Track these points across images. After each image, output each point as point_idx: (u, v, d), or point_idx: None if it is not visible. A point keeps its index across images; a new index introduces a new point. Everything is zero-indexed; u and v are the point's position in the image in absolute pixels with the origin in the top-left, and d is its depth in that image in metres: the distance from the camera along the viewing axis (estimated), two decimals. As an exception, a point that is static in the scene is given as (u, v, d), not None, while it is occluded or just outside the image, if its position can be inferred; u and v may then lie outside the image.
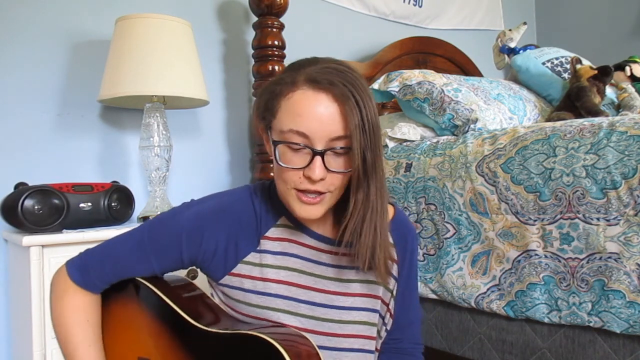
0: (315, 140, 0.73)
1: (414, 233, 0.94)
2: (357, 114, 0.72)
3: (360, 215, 0.78)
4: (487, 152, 1.30)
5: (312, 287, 0.85)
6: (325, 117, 0.72)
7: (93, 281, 0.84)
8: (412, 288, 0.94)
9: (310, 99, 0.73)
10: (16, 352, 1.45)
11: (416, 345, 0.96)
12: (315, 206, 0.77)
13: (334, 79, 0.73)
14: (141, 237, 0.84)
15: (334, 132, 0.73)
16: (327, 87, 0.72)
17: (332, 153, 0.75)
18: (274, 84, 0.77)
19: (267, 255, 0.84)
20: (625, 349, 1.05)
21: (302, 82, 0.74)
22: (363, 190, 0.77)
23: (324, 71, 0.74)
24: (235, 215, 0.84)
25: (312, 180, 0.74)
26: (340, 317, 0.85)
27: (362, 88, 0.74)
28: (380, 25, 2.51)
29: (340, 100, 0.72)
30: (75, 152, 1.65)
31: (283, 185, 0.78)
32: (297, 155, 0.75)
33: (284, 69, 0.80)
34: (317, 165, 0.74)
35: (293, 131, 0.73)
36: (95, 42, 1.69)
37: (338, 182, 0.77)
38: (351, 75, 0.74)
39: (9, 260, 1.48)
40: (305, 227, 0.86)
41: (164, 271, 0.87)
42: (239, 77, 2.03)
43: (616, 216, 1.04)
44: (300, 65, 0.76)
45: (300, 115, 0.73)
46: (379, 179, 0.77)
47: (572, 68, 1.86)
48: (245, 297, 0.84)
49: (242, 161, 2.02)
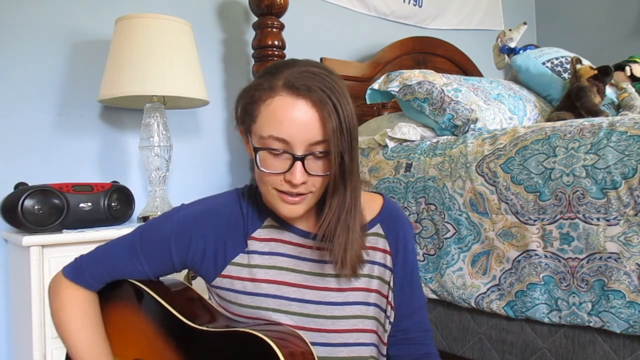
0: (295, 145, 0.74)
1: (404, 221, 0.94)
2: (335, 118, 0.73)
3: (335, 216, 0.80)
4: (487, 152, 1.30)
5: (302, 285, 0.85)
6: (304, 123, 0.73)
7: (87, 280, 0.86)
8: (410, 277, 0.94)
9: (289, 106, 0.74)
10: (16, 352, 1.45)
11: (425, 332, 0.95)
12: (297, 205, 0.79)
13: (312, 84, 0.73)
14: (133, 242, 0.86)
15: (313, 137, 0.74)
16: (305, 92, 0.73)
17: (312, 157, 0.76)
18: (253, 89, 0.78)
19: (255, 256, 0.85)
20: (625, 349, 1.05)
21: (280, 88, 0.75)
22: (339, 192, 0.79)
23: (302, 76, 0.74)
24: (222, 217, 0.86)
25: (292, 184, 0.76)
26: (332, 312, 0.85)
27: (340, 91, 0.75)
28: (380, 25, 2.51)
29: (319, 105, 0.73)
30: (75, 152, 1.65)
31: (265, 188, 0.80)
32: (277, 160, 0.76)
33: (262, 72, 0.80)
34: (298, 170, 0.75)
35: (273, 137, 0.75)
36: (95, 42, 1.69)
37: (319, 183, 0.79)
38: (329, 78, 0.75)
39: (9, 260, 1.48)
40: (290, 226, 0.87)
41: (157, 275, 0.89)
42: (239, 77, 2.03)
43: (616, 216, 1.04)
44: (278, 69, 0.77)
45: (280, 122, 0.74)
46: (354, 180, 0.79)
47: (572, 68, 1.86)
48: (237, 298, 0.85)
49: (242, 161, 2.02)
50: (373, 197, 0.94)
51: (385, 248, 0.90)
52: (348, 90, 0.78)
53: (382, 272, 0.89)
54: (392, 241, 0.91)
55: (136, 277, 0.87)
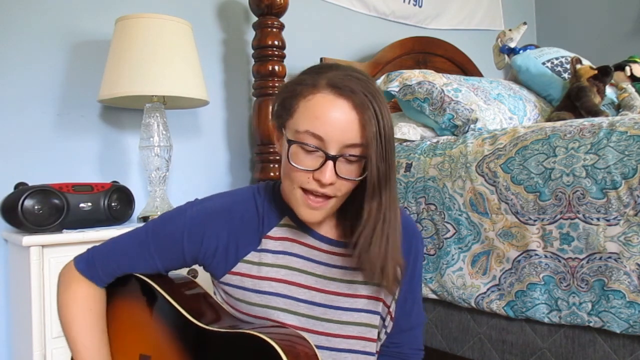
0: (329, 144, 0.74)
1: (419, 237, 0.94)
2: (375, 124, 0.73)
3: (371, 225, 0.79)
4: (487, 152, 1.30)
5: (312, 287, 0.85)
6: (342, 123, 0.73)
7: (98, 274, 0.86)
8: (415, 292, 0.94)
9: (330, 103, 0.74)
10: (16, 352, 1.45)
11: (418, 351, 0.96)
12: (317, 210, 0.79)
13: (356, 87, 0.74)
14: (145, 235, 0.86)
15: (350, 139, 0.74)
16: (348, 94, 0.74)
17: (344, 160, 0.76)
18: (295, 83, 0.78)
19: (267, 254, 0.85)
20: (625, 349, 1.05)
21: (323, 86, 0.75)
22: (376, 199, 0.78)
23: (346, 78, 0.74)
24: (237, 214, 0.85)
25: (321, 184, 0.76)
26: (340, 317, 0.85)
27: (381, 100, 0.75)
28: (380, 25, 2.51)
29: (360, 108, 0.73)
30: (75, 152, 1.65)
31: (289, 184, 0.79)
32: (309, 156, 0.76)
33: (306, 71, 0.80)
34: (329, 170, 0.75)
35: (309, 133, 0.74)
36: (95, 42, 1.69)
37: (345, 188, 0.78)
38: (372, 85, 0.76)
39: (9, 260, 1.48)
40: (308, 228, 0.87)
41: (167, 269, 0.88)
42: (239, 77, 2.03)
43: (616, 216, 1.04)
44: (322, 69, 0.77)
45: (318, 117, 0.74)
46: (391, 190, 0.78)
47: (572, 68, 1.86)
48: (245, 295, 0.85)
49: (242, 161, 2.02)
50: None
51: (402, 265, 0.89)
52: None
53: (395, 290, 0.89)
54: (405, 254, 0.90)
55: (147, 271, 0.87)
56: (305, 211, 0.79)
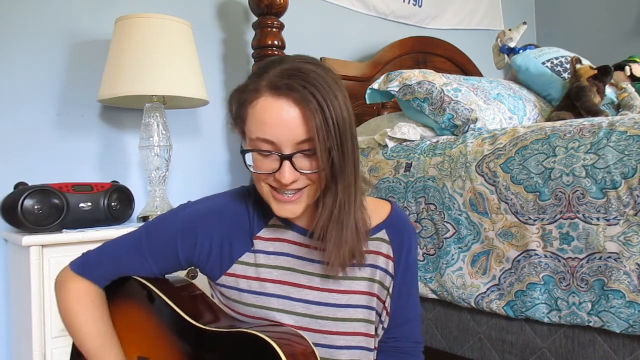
0: (282, 145, 0.74)
1: (411, 230, 0.94)
2: (319, 116, 0.72)
3: (328, 214, 0.79)
4: (487, 152, 1.30)
5: (306, 286, 0.85)
6: (288, 123, 0.73)
7: (93, 277, 0.86)
8: (410, 286, 0.94)
9: (273, 106, 0.74)
10: (16, 352, 1.45)
11: (416, 344, 0.96)
12: (294, 204, 0.79)
13: (294, 82, 0.73)
14: (139, 239, 0.86)
15: (299, 136, 0.74)
16: (286, 92, 0.73)
17: (301, 155, 0.75)
18: (241, 92, 0.79)
19: (261, 256, 0.85)
20: (625, 349, 1.05)
21: (264, 89, 0.75)
22: (331, 189, 0.78)
23: (285, 75, 0.74)
24: (229, 216, 0.86)
25: (282, 184, 0.76)
26: (336, 315, 0.85)
27: (326, 87, 0.73)
28: (380, 25, 2.51)
29: (302, 104, 0.73)
30: (75, 152, 1.65)
31: (261, 188, 0.80)
32: (267, 160, 0.76)
33: (251, 74, 0.81)
34: (287, 170, 0.75)
35: (260, 139, 0.75)
36: (95, 42, 1.69)
37: (314, 177, 0.78)
38: (314, 74, 0.74)
39: (9, 260, 1.48)
40: (294, 225, 0.87)
41: (162, 272, 0.88)
42: (239, 77, 2.03)
43: (616, 216, 1.04)
44: (265, 70, 0.77)
45: (265, 123, 0.74)
46: (347, 178, 0.77)
47: (572, 68, 1.86)
48: (242, 297, 0.85)
49: (241, 161, 2.02)
50: (382, 204, 0.94)
51: (388, 254, 0.90)
52: (342, 86, 0.77)
53: (383, 278, 0.89)
54: (397, 248, 0.91)
55: (142, 275, 0.87)
56: (281, 207, 0.79)
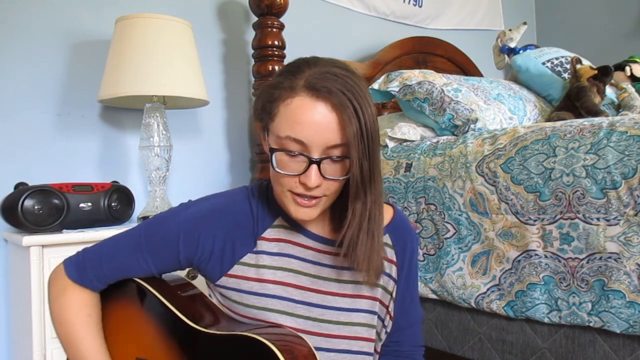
0: (312, 148, 0.73)
1: (413, 235, 0.94)
2: (355, 122, 0.72)
3: (357, 223, 0.79)
4: (487, 152, 1.30)
5: (309, 288, 0.84)
6: (322, 126, 0.72)
7: (90, 280, 0.84)
8: (412, 289, 0.94)
9: (309, 107, 0.72)
10: (16, 352, 1.45)
11: (417, 347, 0.95)
12: (310, 208, 0.78)
13: (333, 86, 0.72)
14: (138, 238, 0.84)
15: (331, 140, 0.73)
16: (325, 95, 0.72)
17: (329, 160, 0.75)
18: (273, 87, 0.77)
19: (263, 256, 0.84)
20: (625, 349, 1.05)
21: (301, 89, 0.73)
22: (360, 198, 0.77)
23: (323, 77, 0.73)
24: (232, 216, 0.84)
25: (307, 187, 0.75)
26: (338, 318, 0.84)
27: (362, 94, 0.73)
28: (380, 25, 2.51)
29: (339, 109, 0.72)
30: (75, 152, 1.65)
31: (279, 188, 0.79)
32: (293, 161, 0.75)
33: (282, 70, 0.79)
34: (313, 173, 0.74)
35: (290, 138, 0.74)
36: (95, 42, 1.69)
37: (334, 187, 0.78)
38: (351, 81, 0.74)
39: (9, 260, 1.48)
40: (302, 228, 0.86)
41: (161, 272, 0.87)
42: (239, 77, 2.03)
43: (616, 216, 1.04)
44: (299, 68, 0.75)
45: (298, 123, 0.73)
46: (376, 186, 0.78)
47: (572, 68, 1.86)
48: (242, 298, 0.84)
49: (242, 161, 2.02)
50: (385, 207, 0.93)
51: (392, 258, 0.90)
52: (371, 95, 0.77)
53: (386, 282, 0.89)
54: (400, 252, 0.90)
55: (140, 275, 0.86)
56: (298, 210, 0.78)
